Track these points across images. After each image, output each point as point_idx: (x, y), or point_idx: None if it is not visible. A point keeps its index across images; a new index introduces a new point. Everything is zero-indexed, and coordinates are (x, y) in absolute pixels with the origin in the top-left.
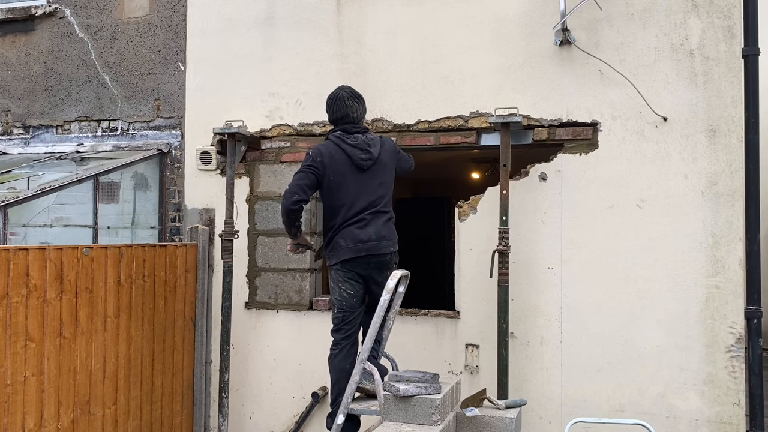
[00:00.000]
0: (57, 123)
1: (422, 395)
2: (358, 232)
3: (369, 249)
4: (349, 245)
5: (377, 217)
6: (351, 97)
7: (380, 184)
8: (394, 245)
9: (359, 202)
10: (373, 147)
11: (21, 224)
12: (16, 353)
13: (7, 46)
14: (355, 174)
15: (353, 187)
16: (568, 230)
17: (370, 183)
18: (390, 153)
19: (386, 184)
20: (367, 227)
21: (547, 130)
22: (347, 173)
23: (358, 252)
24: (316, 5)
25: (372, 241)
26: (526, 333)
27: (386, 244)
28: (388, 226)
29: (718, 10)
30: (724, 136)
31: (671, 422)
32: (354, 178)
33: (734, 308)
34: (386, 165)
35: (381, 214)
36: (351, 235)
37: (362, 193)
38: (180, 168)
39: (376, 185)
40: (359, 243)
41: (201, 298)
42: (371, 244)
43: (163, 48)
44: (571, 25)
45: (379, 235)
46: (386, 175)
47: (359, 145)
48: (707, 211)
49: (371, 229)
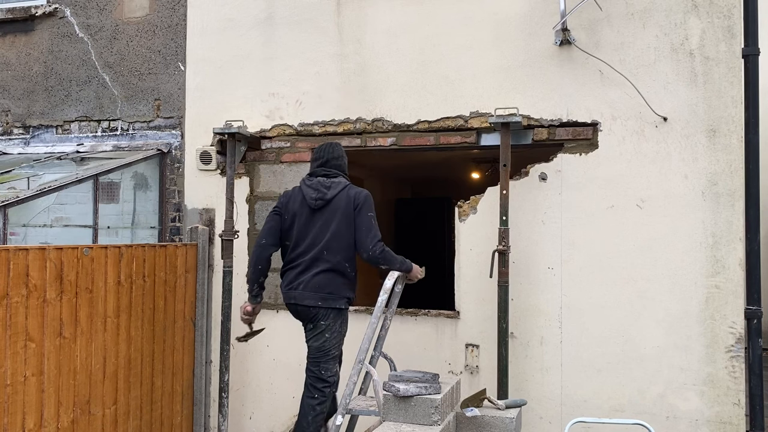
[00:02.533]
0: (57, 123)
1: (422, 395)
2: (291, 276)
3: (295, 297)
4: (283, 289)
5: (314, 265)
6: (327, 144)
7: (329, 229)
8: (322, 300)
9: (302, 244)
10: (331, 189)
11: (21, 224)
12: (16, 353)
13: (7, 46)
14: (307, 215)
15: (302, 227)
16: (568, 230)
17: (319, 226)
18: (348, 200)
19: (337, 231)
20: (302, 273)
21: (547, 130)
22: (300, 213)
23: (287, 299)
24: (316, 5)
25: (297, 289)
26: (526, 333)
27: (311, 296)
28: (323, 277)
29: (718, 10)
30: (724, 136)
31: (671, 422)
32: (304, 219)
33: (734, 308)
34: (339, 211)
35: (319, 263)
36: (286, 278)
37: (307, 235)
38: (180, 168)
39: (324, 230)
40: (289, 289)
41: (201, 298)
42: (297, 292)
43: (163, 48)
44: (571, 25)
45: (307, 285)
46: (338, 221)
47: (314, 184)
48: (707, 211)
49: (304, 276)
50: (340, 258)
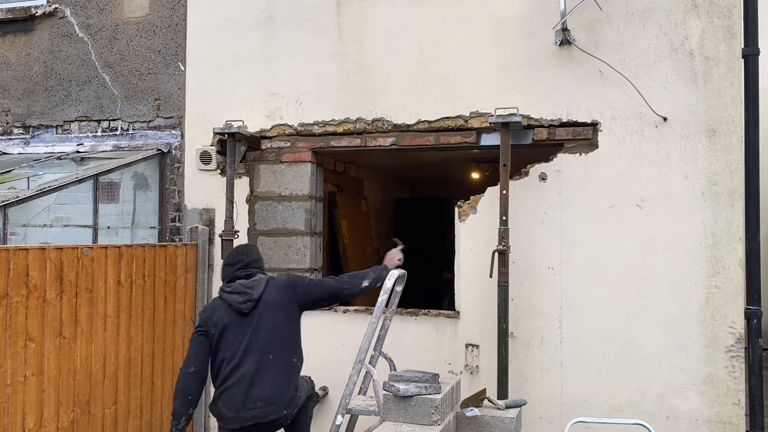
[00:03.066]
0: (57, 123)
1: (422, 395)
2: (238, 396)
3: (255, 417)
4: (228, 413)
5: (263, 375)
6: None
7: (267, 329)
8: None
9: (238, 354)
10: (255, 288)
11: (21, 224)
12: (16, 353)
13: (7, 46)
14: (237, 323)
15: (234, 337)
16: (568, 230)
17: (254, 330)
18: (282, 289)
19: (276, 328)
20: (251, 388)
21: (547, 130)
22: (228, 323)
23: (241, 421)
24: (316, 5)
25: (256, 408)
26: (526, 333)
27: (276, 410)
28: (282, 384)
29: (718, 10)
30: (724, 136)
31: (671, 422)
32: (235, 328)
33: (734, 308)
34: (272, 306)
35: (268, 371)
36: (231, 399)
37: (242, 342)
38: (180, 168)
39: (262, 332)
40: (243, 411)
41: (201, 298)
42: (257, 411)
43: (163, 48)
44: (571, 25)
45: (266, 400)
46: (275, 317)
47: (236, 289)
48: (707, 211)
49: (255, 391)
50: (288, 356)
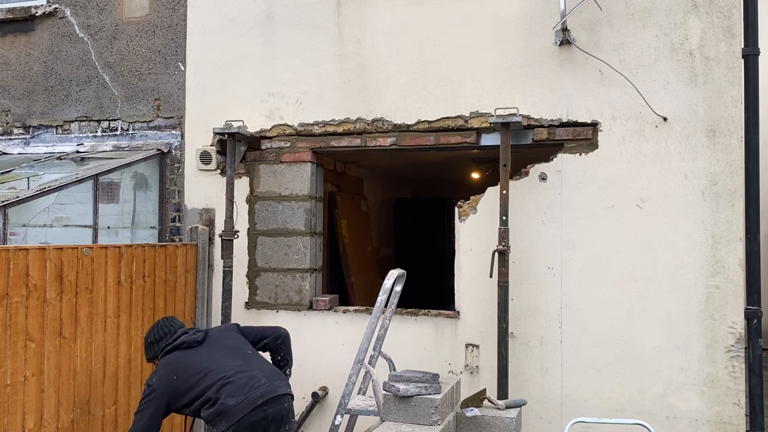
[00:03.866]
0: (57, 123)
1: (422, 395)
2: (240, 381)
3: (265, 393)
4: (239, 399)
5: (254, 360)
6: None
7: (231, 342)
8: (288, 386)
9: (220, 362)
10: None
11: (21, 224)
12: (16, 353)
13: (7, 46)
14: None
15: (203, 359)
16: (568, 230)
17: (222, 343)
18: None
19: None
20: (250, 371)
21: (547, 130)
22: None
23: (252, 403)
24: (316, 5)
25: (261, 385)
26: (526, 333)
27: (281, 385)
28: (271, 365)
29: (718, 10)
30: (724, 136)
31: (671, 422)
32: (198, 355)
33: (734, 308)
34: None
35: (256, 357)
36: (233, 388)
37: (219, 353)
38: (180, 168)
39: (231, 339)
40: (249, 392)
41: (201, 298)
42: (264, 387)
43: (163, 48)
44: (571, 25)
45: (269, 376)
46: (236, 336)
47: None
48: (707, 211)
49: (256, 373)
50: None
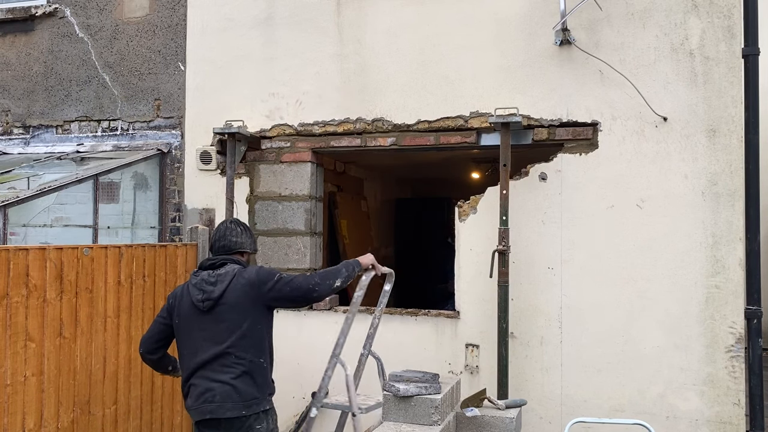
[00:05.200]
0: (57, 123)
1: (422, 395)
2: (200, 389)
3: (213, 411)
4: (192, 404)
5: (224, 371)
6: (236, 224)
7: (228, 327)
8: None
9: (201, 351)
10: (217, 284)
11: (21, 224)
12: (16, 353)
13: (7, 46)
14: (198, 318)
15: (196, 332)
16: (568, 230)
17: (212, 328)
18: (246, 287)
19: (243, 327)
20: (212, 383)
21: (547, 130)
22: (190, 317)
23: (202, 414)
24: (316, 5)
25: (214, 402)
26: (526, 333)
27: (233, 407)
28: (241, 383)
29: (718, 10)
30: (724, 136)
31: (671, 422)
32: (196, 323)
33: (734, 308)
34: (238, 305)
35: (229, 368)
36: (193, 391)
37: (204, 339)
38: (180, 168)
39: (223, 329)
40: (202, 403)
41: None
42: (215, 405)
43: (163, 48)
44: (571, 25)
45: (225, 395)
46: (240, 316)
47: (198, 283)
48: (707, 211)
49: (216, 386)
50: (251, 356)
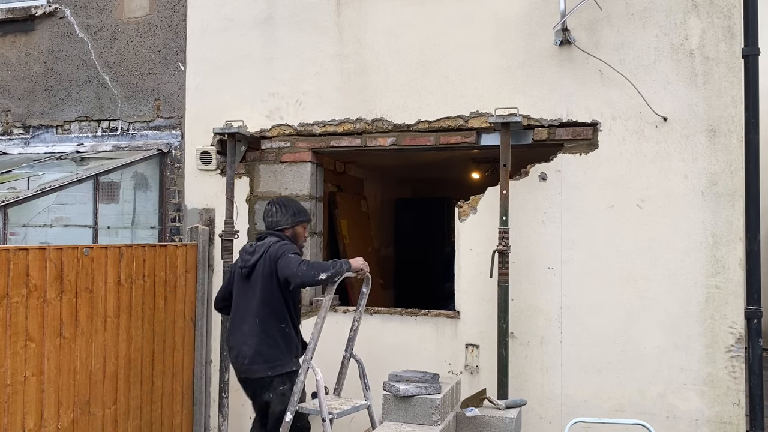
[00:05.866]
0: (57, 123)
1: (422, 395)
2: (234, 351)
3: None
4: (233, 364)
5: (252, 336)
6: (274, 204)
7: (256, 296)
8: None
9: (238, 312)
10: (254, 254)
11: (21, 224)
12: (16, 353)
13: (7, 46)
14: (241, 282)
15: (238, 295)
16: (568, 230)
17: (249, 294)
18: (269, 260)
19: (262, 297)
20: (244, 345)
21: (547, 130)
22: (238, 279)
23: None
24: (316, 5)
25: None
26: (526, 333)
27: (259, 369)
28: (265, 348)
29: (718, 10)
30: (724, 136)
31: (671, 422)
32: (240, 287)
33: (734, 308)
34: (263, 275)
35: (256, 334)
36: (232, 354)
37: (240, 303)
38: (180, 168)
39: (252, 297)
40: (238, 366)
41: (201, 298)
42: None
43: (163, 48)
44: (571, 25)
45: (253, 358)
46: (262, 286)
47: (245, 249)
48: (707, 211)
49: (246, 348)
50: (271, 324)
